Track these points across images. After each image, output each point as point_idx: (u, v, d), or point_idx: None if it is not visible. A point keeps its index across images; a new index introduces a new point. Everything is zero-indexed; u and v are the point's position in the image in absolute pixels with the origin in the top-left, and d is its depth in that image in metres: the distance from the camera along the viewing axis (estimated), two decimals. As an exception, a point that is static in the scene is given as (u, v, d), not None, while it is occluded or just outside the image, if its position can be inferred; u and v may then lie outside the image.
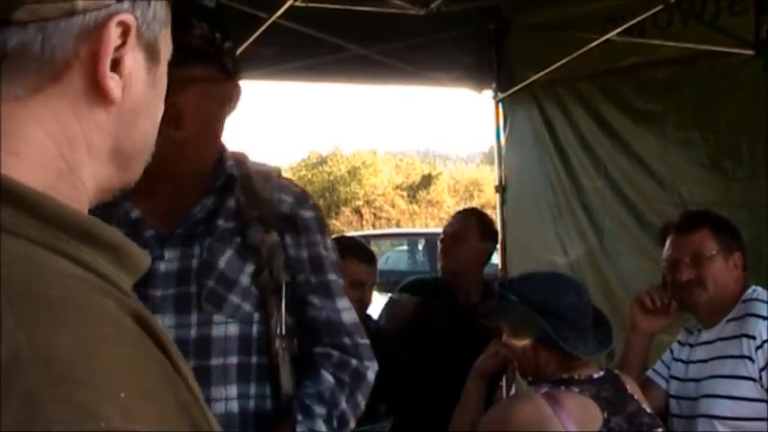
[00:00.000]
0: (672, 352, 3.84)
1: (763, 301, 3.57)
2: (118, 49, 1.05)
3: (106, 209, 1.91)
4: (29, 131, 1.02)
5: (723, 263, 3.62)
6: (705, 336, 3.67)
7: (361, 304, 4.22)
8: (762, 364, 3.42)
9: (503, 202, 7.28)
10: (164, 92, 1.18)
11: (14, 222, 0.94)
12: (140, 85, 1.10)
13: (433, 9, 5.50)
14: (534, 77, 6.57)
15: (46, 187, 1.00)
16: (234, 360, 2.50)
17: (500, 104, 7.21)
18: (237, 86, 2.61)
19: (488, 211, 5.59)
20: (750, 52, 5.19)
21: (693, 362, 3.68)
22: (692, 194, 5.57)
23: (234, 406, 2.49)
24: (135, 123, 1.12)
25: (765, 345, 3.43)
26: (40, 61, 1.01)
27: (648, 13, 5.46)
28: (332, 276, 2.66)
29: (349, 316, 2.66)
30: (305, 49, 6.16)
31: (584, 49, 5.89)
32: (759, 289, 3.64)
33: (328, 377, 2.58)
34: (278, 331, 2.54)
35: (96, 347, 0.88)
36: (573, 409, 2.97)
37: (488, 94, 7.22)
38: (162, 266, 2.48)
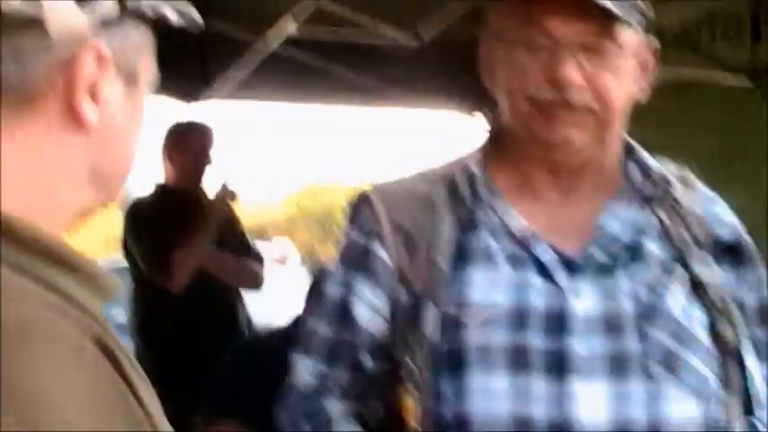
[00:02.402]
0: None
1: None
2: (94, 77, 1.08)
3: (468, 214, 1.89)
4: (7, 158, 1.04)
5: None
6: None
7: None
8: None
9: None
10: (143, 116, 1.21)
11: None
12: (117, 110, 1.13)
13: (425, 41, 5.54)
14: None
15: (24, 212, 1.03)
16: None
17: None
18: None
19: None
20: (747, 84, 5.19)
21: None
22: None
23: None
24: (113, 148, 1.15)
25: None
26: (16, 91, 1.04)
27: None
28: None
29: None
30: (300, 74, 6.20)
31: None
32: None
33: None
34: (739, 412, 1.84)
35: (53, 367, 0.91)
36: None
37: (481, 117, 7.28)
38: (579, 307, 1.80)
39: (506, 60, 1.87)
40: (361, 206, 1.98)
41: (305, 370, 1.99)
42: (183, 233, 4.66)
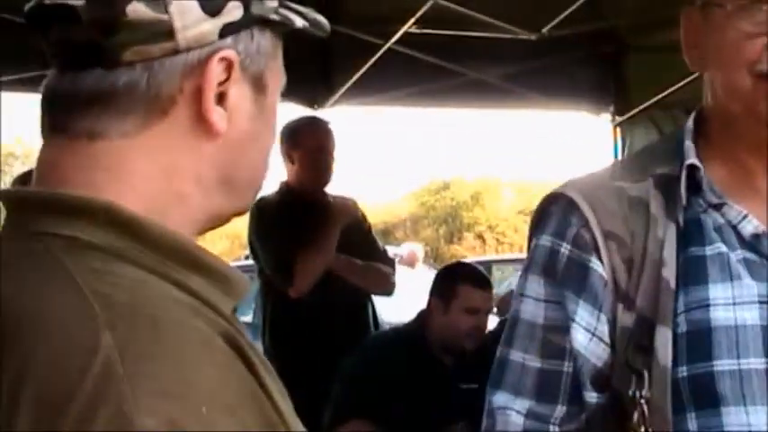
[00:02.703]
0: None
1: None
2: (222, 83, 1.11)
3: (691, 216, 1.59)
4: (140, 165, 1.08)
5: None
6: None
7: (478, 330, 4.22)
8: None
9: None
10: (274, 122, 1.23)
11: (127, 249, 1.02)
12: (246, 117, 1.15)
13: (545, 34, 5.48)
14: (652, 100, 6.50)
15: (157, 216, 1.07)
16: None
17: (618, 128, 7.15)
18: None
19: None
20: None
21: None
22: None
23: None
24: (243, 154, 1.16)
25: None
26: (147, 98, 1.08)
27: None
28: None
29: None
30: (421, 74, 6.18)
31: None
32: None
33: None
34: None
35: (184, 365, 0.94)
36: None
37: (606, 117, 7.17)
38: None
39: (723, 29, 1.59)
40: (561, 209, 1.67)
41: (510, 410, 1.66)
42: (307, 236, 4.56)
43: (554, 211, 1.68)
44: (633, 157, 1.84)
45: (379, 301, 5.14)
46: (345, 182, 4.73)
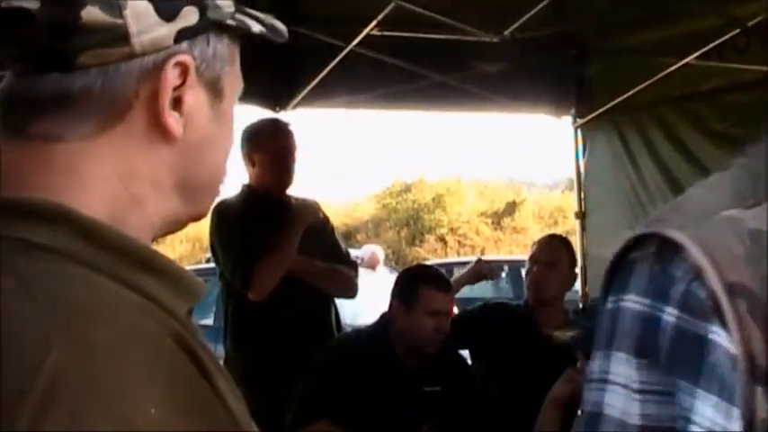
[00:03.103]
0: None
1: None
2: (177, 88, 1.11)
3: None
4: (96, 168, 1.09)
5: None
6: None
7: (439, 333, 4.22)
8: None
9: (583, 229, 7.25)
10: (231, 127, 1.24)
11: (79, 251, 1.02)
12: (203, 121, 1.16)
13: (507, 36, 5.50)
14: (613, 102, 6.55)
15: (113, 219, 1.07)
16: None
17: (579, 130, 7.20)
18: None
19: (570, 238, 5.57)
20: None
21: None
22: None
23: None
24: (200, 158, 1.18)
25: None
26: (103, 102, 1.08)
27: (726, 37, 5.42)
28: None
29: None
30: (383, 77, 6.20)
31: (663, 73, 5.86)
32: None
33: None
34: None
35: (134, 365, 0.95)
36: None
37: (567, 119, 7.22)
38: None
39: None
40: (655, 256, 1.21)
41: None
42: (269, 239, 4.54)
43: (644, 260, 1.22)
44: (734, 176, 1.26)
45: (340, 304, 5.11)
46: (307, 184, 4.70)
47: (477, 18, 5.55)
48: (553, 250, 4.84)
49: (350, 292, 5.03)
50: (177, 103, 1.12)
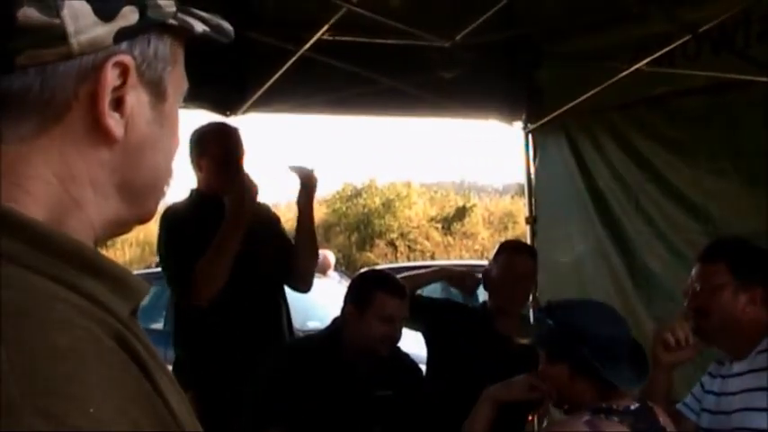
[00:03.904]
0: (702, 386, 3.80)
1: (795, 332, 3.51)
2: (117, 88, 1.11)
3: None
4: (36, 170, 1.08)
5: (731, 296, 3.56)
6: (737, 367, 3.62)
7: (392, 339, 4.21)
8: None
9: (533, 234, 7.26)
10: (176, 128, 1.23)
11: (18, 252, 1.01)
12: (144, 122, 1.15)
13: (459, 41, 5.50)
14: (564, 108, 6.55)
15: (52, 221, 1.07)
16: None
17: (530, 135, 7.21)
18: None
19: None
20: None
21: (725, 394, 3.64)
22: (728, 225, 5.48)
23: None
24: (141, 159, 1.17)
25: (796, 376, 3.37)
26: (42, 103, 1.08)
27: (677, 43, 5.44)
28: None
29: None
30: (335, 82, 6.19)
31: (614, 79, 5.87)
32: (791, 320, 3.57)
33: None
34: None
35: (73, 365, 0.93)
36: None
37: (519, 124, 7.23)
38: None
39: None
40: None
41: None
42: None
43: None
44: None
45: (290, 307, 5.09)
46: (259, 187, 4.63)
47: (429, 23, 5.54)
48: (525, 261, 4.87)
49: (308, 281, 5.04)
50: (118, 104, 1.11)
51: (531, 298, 6.70)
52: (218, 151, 4.73)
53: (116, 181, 1.14)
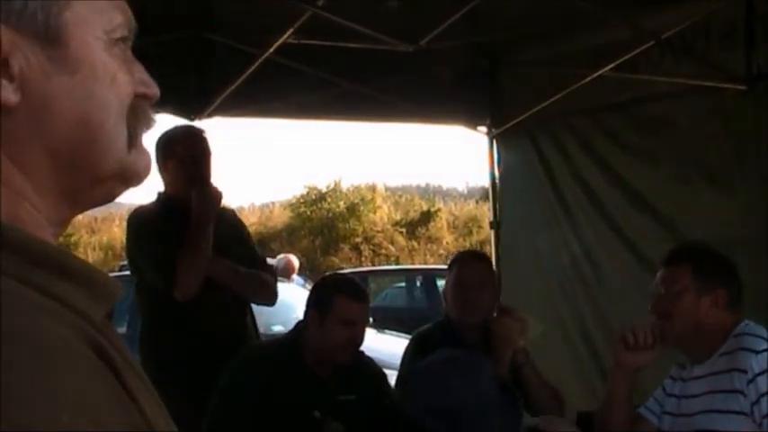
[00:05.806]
0: (664, 389, 3.83)
1: (754, 335, 3.54)
2: None
3: None
4: None
5: (695, 299, 3.60)
6: (697, 370, 3.65)
7: (353, 343, 4.20)
8: (753, 398, 3.40)
9: (497, 239, 7.27)
10: (103, 70, 1.08)
11: None
12: (42, 75, 1.03)
13: (422, 46, 5.50)
14: (528, 113, 6.57)
15: (8, 219, 0.98)
16: None
17: (494, 140, 7.22)
18: None
19: (485, 248, 5.59)
20: (742, 87, 5.19)
21: (686, 397, 3.67)
22: (691, 230, 5.49)
23: None
24: (54, 116, 1.04)
25: (757, 378, 3.41)
26: None
27: (640, 49, 5.47)
28: None
29: None
30: (299, 85, 6.17)
31: (577, 84, 5.89)
32: (751, 323, 3.62)
33: None
34: None
35: (42, 371, 0.88)
36: None
37: (483, 129, 7.24)
38: None
39: None
40: None
41: None
42: (183, 241, 4.50)
43: None
44: None
45: (254, 311, 5.09)
46: (223, 191, 4.64)
47: (392, 28, 5.53)
48: (482, 271, 4.84)
49: (270, 298, 4.98)
50: (1, 69, 0.99)
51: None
52: (185, 153, 4.73)
53: (38, 150, 1.03)
